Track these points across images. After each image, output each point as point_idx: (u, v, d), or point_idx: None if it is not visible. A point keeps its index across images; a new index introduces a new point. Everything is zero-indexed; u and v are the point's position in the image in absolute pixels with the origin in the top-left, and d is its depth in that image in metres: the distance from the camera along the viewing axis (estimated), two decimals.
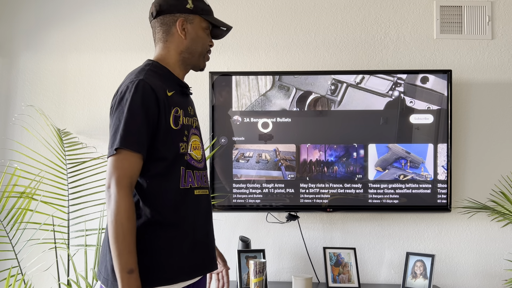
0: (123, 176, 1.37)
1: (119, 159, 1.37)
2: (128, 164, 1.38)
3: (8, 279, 2.33)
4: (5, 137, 2.88)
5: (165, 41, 1.55)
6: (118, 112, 1.43)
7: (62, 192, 2.63)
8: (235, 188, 2.72)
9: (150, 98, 1.42)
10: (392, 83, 2.72)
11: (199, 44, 1.57)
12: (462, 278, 2.79)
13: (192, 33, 1.55)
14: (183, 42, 1.55)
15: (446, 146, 2.69)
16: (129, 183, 1.37)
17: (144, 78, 1.44)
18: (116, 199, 1.34)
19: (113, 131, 1.41)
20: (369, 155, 2.71)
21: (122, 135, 1.38)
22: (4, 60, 2.92)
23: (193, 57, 1.58)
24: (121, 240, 1.33)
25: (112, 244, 1.34)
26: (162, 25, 1.54)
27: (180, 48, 1.55)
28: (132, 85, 1.42)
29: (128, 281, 1.32)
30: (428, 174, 2.69)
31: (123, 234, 1.33)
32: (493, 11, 2.87)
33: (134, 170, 1.39)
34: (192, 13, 1.54)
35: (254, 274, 2.18)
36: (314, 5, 2.90)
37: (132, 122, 1.40)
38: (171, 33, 1.54)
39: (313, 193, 2.71)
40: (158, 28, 1.55)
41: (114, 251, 1.33)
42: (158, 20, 1.55)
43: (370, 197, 2.70)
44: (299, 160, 2.72)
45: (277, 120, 2.73)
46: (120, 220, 1.33)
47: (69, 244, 2.58)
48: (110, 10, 2.91)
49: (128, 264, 1.33)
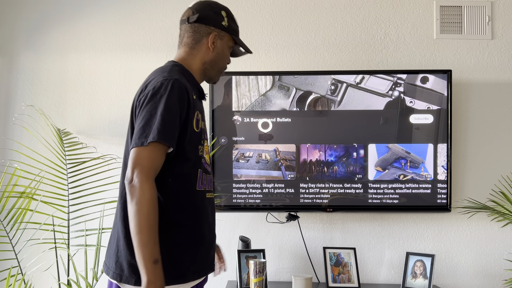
0: (150, 168, 1.38)
1: (149, 151, 1.38)
2: (155, 156, 1.40)
3: (8, 279, 2.33)
4: (5, 137, 2.88)
5: (192, 47, 1.61)
6: (151, 106, 1.43)
7: (62, 192, 2.63)
8: (235, 188, 2.72)
9: (184, 98, 1.46)
10: (392, 83, 2.72)
11: (222, 59, 1.66)
12: (462, 278, 2.79)
13: (219, 48, 1.63)
14: (209, 54, 1.61)
15: (446, 146, 2.70)
16: (154, 175, 1.40)
17: (179, 78, 1.48)
18: (143, 190, 1.35)
19: (143, 123, 1.41)
20: (369, 155, 2.71)
21: (158, 128, 1.39)
22: (4, 60, 2.92)
23: (212, 70, 1.65)
24: (146, 231, 1.33)
25: (136, 235, 1.34)
26: (195, 32, 1.60)
27: (205, 59, 1.61)
28: (168, 82, 1.45)
29: (154, 271, 1.33)
30: (428, 174, 2.69)
31: (149, 225, 1.34)
32: (493, 11, 2.87)
33: (159, 163, 1.41)
34: (224, 31, 1.63)
35: (254, 274, 2.18)
36: (314, 5, 2.90)
37: (167, 117, 1.41)
38: (201, 43, 1.60)
39: (313, 193, 2.71)
40: (189, 33, 1.60)
41: (139, 242, 1.33)
42: (192, 26, 1.60)
43: (370, 197, 2.70)
44: (299, 160, 2.72)
45: (277, 120, 2.73)
46: (146, 211, 1.34)
47: (69, 244, 2.58)
48: (110, 10, 2.91)
49: (153, 254, 1.34)
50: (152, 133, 1.38)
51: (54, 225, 2.56)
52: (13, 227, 2.51)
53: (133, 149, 1.40)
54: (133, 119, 1.52)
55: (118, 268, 1.45)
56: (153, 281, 1.32)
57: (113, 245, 1.50)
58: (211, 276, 2.82)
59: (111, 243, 1.51)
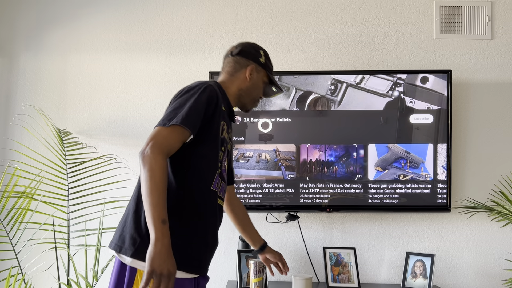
0: (166, 145, 1.50)
1: (169, 131, 1.51)
2: (172, 138, 1.51)
3: (8, 279, 2.33)
4: (5, 137, 2.88)
5: (232, 75, 1.82)
6: (182, 98, 1.59)
7: (62, 192, 2.63)
8: (235, 188, 2.71)
9: (213, 100, 1.62)
10: (392, 83, 2.72)
11: (255, 90, 1.84)
12: (462, 278, 2.79)
13: (255, 80, 1.83)
14: (245, 83, 1.81)
15: (446, 146, 2.70)
16: (167, 152, 1.51)
17: (213, 86, 1.66)
18: (155, 159, 1.46)
19: (170, 110, 1.57)
20: (369, 155, 2.71)
21: (183, 115, 1.53)
22: (4, 60, 2.92)
23: (247, 98, 1.84)
24: (157, 194, 1.43)
25: (148, 197, 1.44)
26: (236, 63, 1.82)
27: (241, 86, 1.81)
28: (202, 85, 1.62)
29: (162, 229, 1.42)
30: (428, 174, 2.69)
31: (158, 189, 1.44)
32: (493, 11, 2.87)
33: (175, 146, 1.53)
34: (261, 66, 1.83)
35: (254, 274, 2.18)
36: (314, 5, 2.90)
37: (194, 108, 1.56)
38: (240, 72, 1.81)
39: (313, 193, 2.71)
40: (232, 64, 1.82)
41: (150, 203, 1.43)
42: (234, 58, 1.83)
43: (370, 197, 2.70)
44: (299, 160, 2.72)
45: (277, 120, 2.73)
46: (157, 177, 1.44)
47: (69, 244, 2.58)
48: (110, 10, 2.91)
49: (161, 215, 1.43)
50: (176, 117, 1.52)
51: (54, 225, 2.56)
52: (13, 227, 2.51)
53: (156, 127, 1.52)
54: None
55: (120, 241, 1.54)
56: (160, 238, 1.40)
57: (121, 222, 1.60)
58: (211, 276, 2.82)
59: (121, 222, 1.61)
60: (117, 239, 1.56)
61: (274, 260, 2.08)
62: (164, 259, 1.39)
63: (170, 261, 1.41)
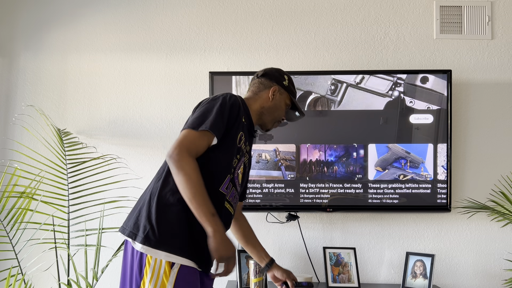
0: (194, 149, 1.60)
1: (198, 136, 1.61)
2: (200, 143, 1.62)
3: (8, 279, 2.33)
4: (5, 137, 2.88)
5: (256, 94, 1.91)
6: (208, 105, 1.69)
7: (62, 192, 2.63)
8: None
9: (235, 109, 1.72)
10: (392, 83, 2.72)
11: (277, 111, 1.92)
12: (462, 278, 2.79)
13: (278, 100, 1.91)
14: (268, 102, 1.90)
15: (446, 146, 2.70)
16: (195, 155, 1.61)
17: (237, 97, 1.77)
18: (187, 163, 1.56)
19: (199, 114, 1.66)
20: (369, 155, 2.71)
21: (211, 121, 1.63)
22: (4, 60, 2.92)
23: (267, 117, 1.91)
24: (199, 194, 1.56)
25: (192, 199, 1.56)
26: (260, 84, 1.92)
27: (263, 105, 1.89)
28: (228, 95, 1.74)
29: (215, 221, 1.56)
30: (428, 174, 2.69)
31: (198, 190, 1.56)
32: (493, 11, 2.87)
33: (201, 151, 1.63)
34: (284, 89, 1.92)
35: (254, 274, 2.19)
36: (314, 5, 2.90)
37: (220, 114, 1.66)
38: (263, 92, 1.91)
39: (313, 193, 2.71)
40: (256, 85, 1.93)
41: (196, 204, 1.56)
42: (259, 80, 1.93)
43: (370, 197, 2.70)
44: (299, 160, 2.72)
45: None
46: (194, 179, 1.56)
47: (69, 244, 2.58)
48: (110, 10, 2.91)
49: (209, 210, 1.56)
50: (206, 123, 1.62)
51: (54, 225, 2.56)
52: (13, 227, 2.51)
53: (184, 130, 1.62)
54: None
55: (135, 228, 1.62)
56: (216, 229, 1.55)
57: (135, 211, 1.68)
58: None
59: (134, 211, 1.69)
60: (132, 227, 1.63)
61: (282, 278, 2.01)
62: (225, 244, 1.57)
63: (229, 243, 1.58)
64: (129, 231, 1.63)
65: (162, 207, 1.61)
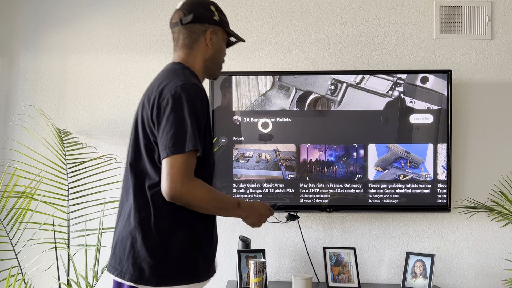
0: (191, 172, 1.45)
1: (187, 158, 1.44)
2: (192, 163, 1.46)
3: (8, 279, 2.33)
4: (5, 137, 2.88)
5: (191, 48, 1.62)
6: (177, 112, 1.46)
7: (62, 192, 2.63)
8: (235, 188, 2.72)
9: (204, 103, 1.52)
10: (392, 83, 2.72)
11: (220, 54, 1.68)
12: (462, 278, 2.79)
13: (216, 44, 1.65)
14: (208, 51, 1.64)
15: (446, 146, 2.70)
16: (193, 174, 1.46)
17: (197, 83, 1.53)
18: (196, 187, 1.45)
19: (173, 131, 1.44)
20: (369, 155, 2.71)
21: (190, 136, 1.44)
22: (4, 60, 2.92)
23: (213, 66, 1.68)
24: (220, 202, 1.54)
25: (218, 211, 1.55)
26: (191, 33, 1.61)
27: (205, 57, 1.64)
28: (189, 87, 1.49)
29: (243, 209, 1.59)
30: (428, 174, 2.69)
31: (219, 198, 1.53)
32: (493, 11, 2.87)
33: (194, 167, 1.48)
34: (217, 25, 1.64)
35: (254, 274, 2.18)
36: (314, 5, 2.90)
37: (196, 124, 1.46)
38: (198, 42, 1.62)
39: (313, 193, 2.71)
40: (185, 35, 1.62)
41: (222, 212, 1.57)
42: (186, 27, 1.61)
43: (370, 197, 2.70)
44: (299, 160, 2.72)
45: (277, 120, 2.73)
46: (209, 198, 1.48)
47: (69, 244, 2.58)
48: (110, 10, 2.91)
49: (233, 204, 1.58)
50: (187, 142, 1.43)
51: (54, 225, 2.56)
52: (13, 227, 2.51)
53: (170, 157, 1.43)
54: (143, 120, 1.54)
55: (137, 270, 1.47)
56: (247, 214, 1.61)
57: (125, 247, 1.50)
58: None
59: (122, 245, 1.52)
60: (132, 269, 1.47)
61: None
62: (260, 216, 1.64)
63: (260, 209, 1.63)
64: (131, 274, 1.47)
65: (163, 237, 1.47)
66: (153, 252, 1.46)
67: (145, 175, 1.52)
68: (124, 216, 1.55)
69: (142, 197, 1.50)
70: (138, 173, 1.54)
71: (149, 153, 1.52)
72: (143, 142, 1.53)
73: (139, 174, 1.53)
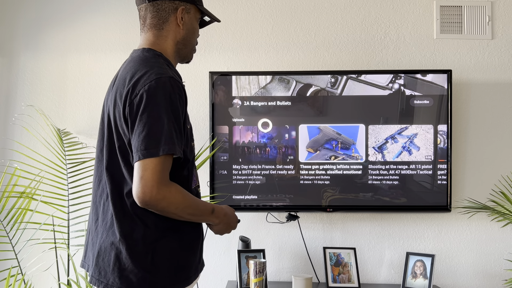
0: (166, 175, 1.34)
1: (162, 161, 1.31)
2: (167, 166, 1.34)
3: (8, 279, 2.33)
4: (5, 137, 2.88)
5: (161, 29, 1.46)
6: (151, 110, 1.32)
7: (62, 192, 2.63)
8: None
9: (182, 98, 1.39)
10: (392, 76, 2.70)
11: (193, 35, 1.53)
12: (462, 278, 2.79)
13: (189, 23, 1.50)
14: (180, 32, 1.49)
15: (446, 146, 2.69)
16: (168, 177, 1.36)
17: (173, 76, 1.38)
18: (171, 192, 1.34)
19: (146, 131, 1.31)
20: (300, 137, 2.71)
21: (167, 136, 1.31)
22: (4, 60, 2.92)
23: (186, 49, 1.53)
24: (194, 208, 1.41)
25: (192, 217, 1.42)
26: (159, 11, 1.45)
27: (177, 38, 1.49)
28: (164, 81, 1.34)
29: (215, 215, 1.48)
30: (359, 155, 2.69)
31: (193, 204, 1.41)
32: (493, 11, 2.87)
33: (169, 169, 1.36)
34: (189, 2, 1.48)
35: (254, 274, 2.18)
36: (314, 5, 2.90)
37: (173, 124, 1.34)
38: (169, 21, 1.46)
39: (245, 174, 2.69)
40: (153, 14, 1.45)
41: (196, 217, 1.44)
42: (153, 5, 1.45)
43: (302, 178, 2.68)
44: (232, 141, 2.71)
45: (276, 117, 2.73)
46: (183, 203, 1.37)
47: (69, 244, 2.58)
48: (110, 10, 2.91)
49: (207, 210, 1.46)
50: (162, 144, 1.30)
51: (54, 225, 2.56)
52: (13, 227, 2.51)
53: (143, 160, 1.30)
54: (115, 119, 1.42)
55: (125, 283, 1.37)
56: (219, 221, 1.50)
57: (109, 259, 1.40)
58: (211, 276, 2.82)
59: (106, 257, 1.41)
60: (119, 282, 1.37)
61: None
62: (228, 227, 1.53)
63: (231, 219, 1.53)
64: (118, 287, 1.38)
65: (149, 247, 1.38)
66: (140, 263, 1.37)
67: (122, 181, 1.40)
68: (105, 222, 1.43)
69: (122, 205, 1.39)
70: (115, 178, 1.41)
71: (124, 156, 1.39)
72: (117, 144, 1.40)
73: (116, 179, 1.41)
